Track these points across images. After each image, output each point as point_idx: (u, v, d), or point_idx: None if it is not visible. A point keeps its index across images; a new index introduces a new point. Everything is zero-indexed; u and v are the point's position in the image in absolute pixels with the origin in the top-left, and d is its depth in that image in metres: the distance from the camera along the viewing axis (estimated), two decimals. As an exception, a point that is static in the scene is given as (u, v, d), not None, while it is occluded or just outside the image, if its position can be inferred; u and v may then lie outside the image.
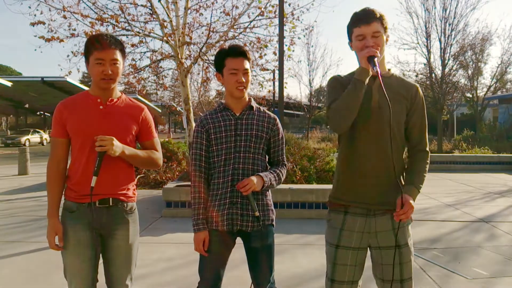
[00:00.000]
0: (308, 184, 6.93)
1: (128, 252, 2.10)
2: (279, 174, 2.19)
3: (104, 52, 1.95)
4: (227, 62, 2.11)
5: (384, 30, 1.92)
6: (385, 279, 1.96)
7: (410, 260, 1.96)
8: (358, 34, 1.91)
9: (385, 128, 1.90)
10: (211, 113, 2.21)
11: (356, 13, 1.94)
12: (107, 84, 2.01)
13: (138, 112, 2.14)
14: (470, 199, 7.67)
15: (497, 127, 26.13)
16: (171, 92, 18.75)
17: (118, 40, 2.04)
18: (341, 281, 1.97)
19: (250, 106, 2.19)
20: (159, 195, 6.51)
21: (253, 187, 2.01)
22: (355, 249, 1.96)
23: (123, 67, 2.11)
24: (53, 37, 7.55)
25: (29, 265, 3.97)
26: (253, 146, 2.13)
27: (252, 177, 2.04)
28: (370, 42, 1.88)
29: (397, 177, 1.91)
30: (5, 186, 9.17)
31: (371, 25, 1.88)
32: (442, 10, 18.95)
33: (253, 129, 2.14)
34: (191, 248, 2.13)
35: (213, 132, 2.13)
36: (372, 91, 1.94)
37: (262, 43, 8.71)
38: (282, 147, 2.26)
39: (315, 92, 25.99)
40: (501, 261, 4.10)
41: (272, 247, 2.17)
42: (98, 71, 1.97)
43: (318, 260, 4.01)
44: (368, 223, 1.94)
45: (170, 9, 8.01)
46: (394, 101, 1.92)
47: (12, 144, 28.01)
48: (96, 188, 1.98)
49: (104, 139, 1.91)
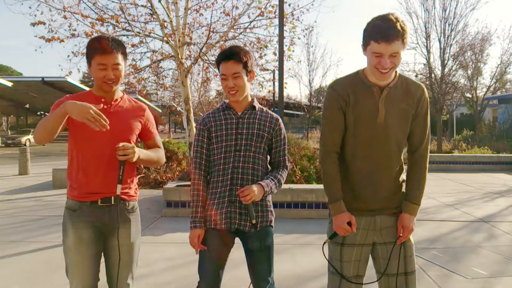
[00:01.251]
0: (308, 184, 6.94)
1: (129, 251, 2.11)
2: (280, 180, 2.18)
3: (106, 57, 1.96)
4: (220, 67, 2.12)
5: (404, 45, 1.77)
6: (390, 273, 1.98)
7: (412, 254, 2.00)
8: (375, 51, 1.76)
9: (390, 145, 1.92)
10: (213, 112, 2.22)
11: (376, 24, 1.76)
12: (110, 87, 2.04)
13: (141, 112, 2.19)
14: (469, 199, 7.68)
15: (496, 127, 26.14)
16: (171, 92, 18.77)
17: (120, 42, 2.04)
18: (350, 276, 2.00)
19: (253, 106, 2.19)
20: (159, 195, 6.52)
21: (253, 197, 2.00)
22: (359, 246, 1.99)
23: (125, 68, 2.12)
24: (53, 37, 7.56)
25: (29, 265, 3.98)
26: (254, 145, 2.13)
27: (253, 186, 2.03)
28: (387, 63, 1.76)
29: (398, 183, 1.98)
30: (5, 186, 9.18)
31: (392, 44, 1.72)
32: (442, 11, 18.96)
33: (255, 128, 2.14)
34: (191, 248, 2.13)
35: (214, 130, 2.14)
36: (379, 106, 1.89)
37: (262, 43, 8.72)
38: (284, 148, 2.25)
39: (315, 92, 25.98)
40: (501, 261, 4.11)
41: (271, 248, 2.17)
42: (101, 75, 1.99)
43: (318, 260, 4.02)
44: (373, 221, 1.98)
45: (170, 10, 8.02)
46: (400, 115, 1.91)
47: (12, 144, 28.03)
48: (98, 187, 2.00)
49: (127, 147, 1.94)
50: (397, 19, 1.73)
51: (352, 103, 1.91)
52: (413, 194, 1.98)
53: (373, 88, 1.89)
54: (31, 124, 44.16)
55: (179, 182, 6.69)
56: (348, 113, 1.92)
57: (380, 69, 1.80)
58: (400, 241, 1.96)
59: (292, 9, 8.61)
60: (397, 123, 1.91)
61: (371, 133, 1.90)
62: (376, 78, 1.87)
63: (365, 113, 1.90)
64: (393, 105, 1.90)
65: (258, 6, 8.27)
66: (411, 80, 1.99)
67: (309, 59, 24.50)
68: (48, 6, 7.48)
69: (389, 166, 1.96)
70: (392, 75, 1.90)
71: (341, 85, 1.95)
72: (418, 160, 2.00)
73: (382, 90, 1.89)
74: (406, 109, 1.93)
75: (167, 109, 20.17)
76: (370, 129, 1.90)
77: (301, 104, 26.24)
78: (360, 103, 1.90)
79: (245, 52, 2.11)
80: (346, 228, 1.92)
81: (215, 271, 2.13)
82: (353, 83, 1.94)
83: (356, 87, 1.92)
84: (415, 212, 1.97)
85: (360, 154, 1.94)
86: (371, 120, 1.89)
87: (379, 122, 1.89)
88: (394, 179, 1.98)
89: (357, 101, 1.91)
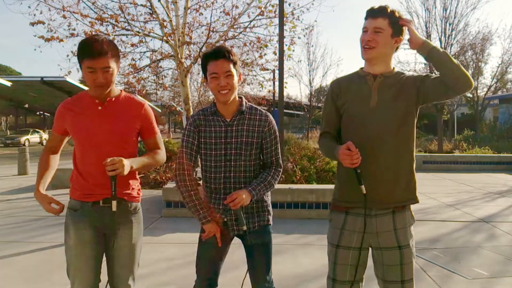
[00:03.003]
0: (308, 184, 6.92)
1: (131, 252, 2.10)
2: (271, 181, 2.12)
3: (95, 61, 1.88)
4: (208, 66, 2.04)
5: (392, 29, 1.88)
6: (387, 280, 1.95)
7: (411, 261, 1.95)
8: (363, 27, 1.92)
9: (385, 128, 1.89)
10: (204, 113, 2.14)
11: (371, 7, 1.95)
12: (100, 90, 1.99)
13: (139, 108, 2.10)
14: (470, 199, 7.66)
15: (497, 127, 26.13)
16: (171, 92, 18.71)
17: (111, 43, 1.95)
18: (343, 280, 1.97)
19: (241, 111, 2.11)
20: (159, 195, 6.51)
21: (241, 202, 1.96)
22: (356, 249, 1.95)
23: (118, 69, 2.06)
24: (52, 37, 7.55)
25: (29, 265, 3.96)
26: (243, 154, 2.08)
27: (240, 191, 1.99)
28: (368, 35, 1.89)
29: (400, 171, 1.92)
30: (5, 186, 9.17)
31: (376, 20, 1.87)
32: (443, 10, 18.93)
33: (243, 135, 2.08)
34: (191, 248, 2.13)
35: (202, 136, 2.10)
36: (372, 90, 1.93)
37: (262, 43, 8.72)
38: (276, 147, 2.18)
39: (315, 92, 25.98)
40: (501, 261, 4.09)
41: (269, 247, 2.16)
42: (91, 79, 1.93)
43: (319, 260, 4.01)
44: (368, 223, 1.94)
45: (170, 9, 8.01)
46: (395, 100, 1.91)
47: (11, 144, 27.98)
48: (100, 188, 1.99)
49: (114, 162, 1.84)
50: (388, 6, 1.90)
51: (344, 92, 2.00)
52: None
53: (366, 77, 1.97)
54: (30, 124, 44.16)
55: (179, 182, 6.67)
56: (340, 102, 2.00)
57: (363, 45, 1.90)
58: None
59: (292, 8, 8.61)
60: (391, 106, 1.90)
61: (362, 115, 1.92)
62: (363, 56, 1.94)
63: (358, 98, 1.95)
64: (387, 90, 1.91)
65: (258, 5, 8.27)
66: (409, 74, 2.02)
67: (309, 59, 24.49)
68: (47, 5, 7.48)
69: (385, 151, 1.88)
70: (376, 56, 1.90)
71: (337, 81, 2.08)
72: None
73: (375, 78, 1.94)
74: (408, 86, 1.91)
75: (167, 109, 20.14)
76: (362, 113, 1.92)
77: (301, 104, 26.25)
78: (353, 90, 1.98)
79: (233, 52, 2.08)
80: (347, 153, 1.80)
81: (212, 268, 2.14)
82: (349, 78, 2.05)
83: (351, 80, 2.02)
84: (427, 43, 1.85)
85: (355, 139, 1.86)
86: (364, 104, 1.93)
87: (371, 107, 1.92)
88: (394, 168, 1.90)
89: (350, 89, 1.99)
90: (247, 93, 14.95)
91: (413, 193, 1.97)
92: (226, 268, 2.20)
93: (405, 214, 1.98)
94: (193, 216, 2.11)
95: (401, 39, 1.94)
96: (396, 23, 1.88)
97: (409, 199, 1.97)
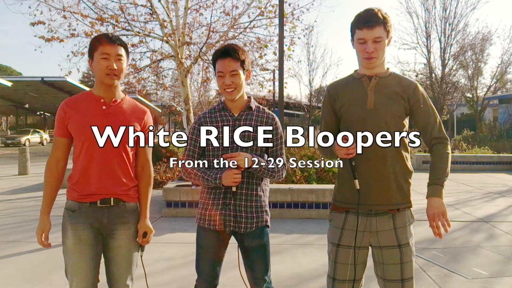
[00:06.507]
0: (308, 184, 6.93)
1: (129, 252, 2.10)
2: (274, 169, 2.09)
3: (109, 46, 1.97)
4: (216, 64, 2.09)
5: (387, 33, 1.90)
6: (387, 278, 1.96)
7: (411, 260, 1.97)
8: (359, 38, 1.89)
9: (382, 130, 1.89)
10: (210, 111, 2.20)
11: (360, 14, 1.91)
12: (111, 80, 2.00)
13: (142, 115, 2.13)
14: (470, 199, 7.67)
15: (497, 127, 26.11)
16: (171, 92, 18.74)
17: (123, 40, 2.08)
18: (343, 279, 1.98)
19: (249, 106, 2.16)
20: (159, 195, 6.51)
21: (239, 161, 1.97)
22: (356, 248, 1.96)
23: (126, 66, 2.11)
24: (53, 37, 7.56)
25: (29, 265, 3.97)
26: (249, 148, 2.10)
27: (243, 153, 2.01)
28: (370, 47, 1.87)
29: (397, 178, 1.91)
30: (5, 186, 9.18)
31: (374, 30, 1.85)
32: (442, 10, 19.01)
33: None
34: (191, 248, 2.13)
35: (207, 132, 2.10)
36: (368, 92, 1.94)
37: (262, 43, 8.72)
38: (281, 147, 2.22)
39: (315, 92, 25.99)
40: (501, 261, 4.10)
41: (267, 247, 2.17)
42: (103, 66, 1.96)
43: (318, 260, 4.01)
44: (368, 222, 1.95)
45: (170, 9, 8.02)
46: (391, 101, 1.92)
47: (12, 144, 27.98)
48: (97, 188, 2.00)
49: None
50: (378, 9, 1.89)
51: (341, 95, 2.00)
52: (434, 175, 1.95)
53: (362, 79, 1.98)
54: (31, 124, 44.12)
55: (178, 182, 6.68)
56: (338, 105, 2.01)
57: (366, 56, 1.89)
58: (439, 233, 1.97)
59: (292, 8, 8.62)
60: (387, 107, 1.91)
61: (360, 117, 1.92)
62: (364, 67, 1.94)
63: (354, 100, 1.96)
64: (383, 91, 1.92)
65: (258, 5, 8.28)
66: (405, 77, 2.04)
67: (309, 59, 24.58)
68: (48, 5, 7.49)
69: (382, 153, 1.89)
70: (378, 63, 1.94)
71: (333, 85, 2.09)
72: (435, 147, 1.97)
73: (371, 79, 1.95)
74: (397, 94, 1.93)
75: (167, 109, 20.15)
76: (359, 115, 1.92)
77: (301, 104, 26.26)
78: (349, 92, 1.99)
79: (242, 50, 2.10)
80: (343, 145, 1.81)
81: (212, 266, 2.15)
82: (344, 81, 2.05)
83: (347, 83, 2.03)
84: (436, 193, 1.94)
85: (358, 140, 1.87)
86: (360, 106, 1.93)
87: (368, 108, 1.92)
88: (390, 170, 1.91)
89: (346, 92, 2.00)
90: (247, 93, 14.93)
91: (406, 197, 1.98)
92: (226, 268, 2.20)
93: (404, 213, 1.99)
94: (211, 183, 2.06)
95: (391, 37, 1.96)
96: (387, 25, 1.89)
97: (402, 203, 1.98)
